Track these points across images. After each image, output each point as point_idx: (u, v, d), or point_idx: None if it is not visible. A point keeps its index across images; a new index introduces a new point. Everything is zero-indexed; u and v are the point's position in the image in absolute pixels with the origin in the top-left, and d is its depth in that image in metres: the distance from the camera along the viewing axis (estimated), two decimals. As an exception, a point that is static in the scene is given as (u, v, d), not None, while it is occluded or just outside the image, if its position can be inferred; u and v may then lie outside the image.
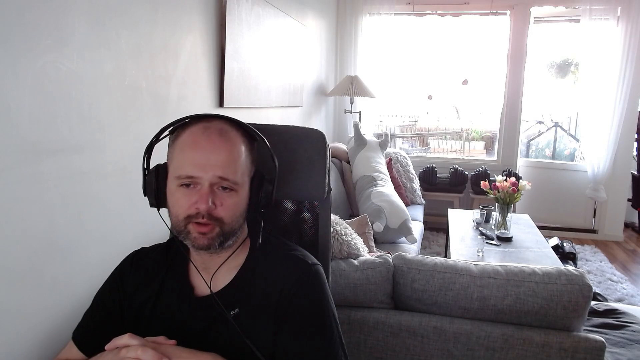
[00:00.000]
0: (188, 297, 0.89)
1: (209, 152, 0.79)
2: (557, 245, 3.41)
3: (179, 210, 0.81)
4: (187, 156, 0.80)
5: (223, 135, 0.81)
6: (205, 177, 0.79)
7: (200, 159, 0.79)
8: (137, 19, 1.48)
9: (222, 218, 0.81)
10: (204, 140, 0.80)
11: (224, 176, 0.79)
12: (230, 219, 0.82)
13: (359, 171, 3.49)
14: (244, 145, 0.84)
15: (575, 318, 1.36)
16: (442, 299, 1.44)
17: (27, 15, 1.07)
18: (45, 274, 1.17)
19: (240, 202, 0.83)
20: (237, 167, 0.81)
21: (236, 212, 0.83)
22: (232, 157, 0.81)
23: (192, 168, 0.79)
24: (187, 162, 0.80)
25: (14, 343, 1.09)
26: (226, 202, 0.81)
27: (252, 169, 0.87)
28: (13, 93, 1.04)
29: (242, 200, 0.83)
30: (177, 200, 0.81)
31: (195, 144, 0.80)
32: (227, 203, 0.81)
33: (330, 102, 4.55)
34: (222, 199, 0.80)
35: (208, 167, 0.79)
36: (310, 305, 0.85)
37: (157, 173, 0.85)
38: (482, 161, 4.94)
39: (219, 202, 0.80)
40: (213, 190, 0.80)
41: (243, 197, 0.84)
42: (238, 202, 0.83)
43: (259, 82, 2.55)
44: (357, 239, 1.71)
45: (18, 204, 1.07)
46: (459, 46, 7.42)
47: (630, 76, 4.02)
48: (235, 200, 0.82)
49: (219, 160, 0.79)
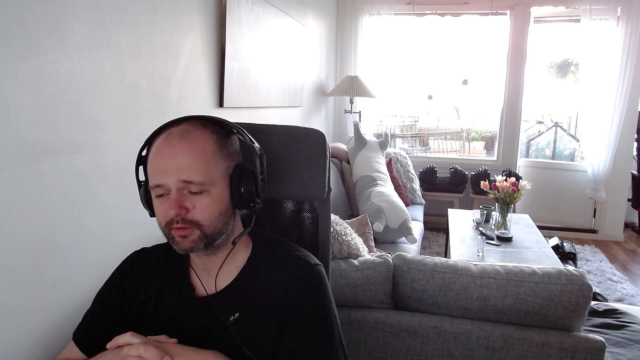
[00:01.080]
0: (189, 297, 0.89)
1: (169, 158, 0.78)
2: (557, 245, 3.41)
3: (159, 219, 0.82)
4: (152, 165, 0.81)
5: (184, 138, 0.79)
6: (170, 183, 0.78)
7: (162, 166, 0.79)
8: (137, 19, 1.48)
9: (198, 221, 0.79)
10: (164, 146, 0.79)
11: (187, 179, 0.78)
12: (208, 221, 0.80)
13: (359, 171, 3.49)
14: (212, 142, 0.81)
15: (575, 318, 1.36)
16: (442, 299, 1.44)
17: (27, 15, 1.07)
18: (45, 273, 1.17)
19: (215, 202, 0.81)
20: (202, 166, 0.79)
21: (213, 213, 0.81)
22: (193, 158, 0.78)
23: (157, 176, 0.79)
24: (154, 171, 0.80)
25: (14, 343, 1.09)
26: (199, 204, 0.79)
27: (230, 164, 0.84)
28: (13, 93, 1.04)
29: (217, 199, 0.81)
30: (156, 209, 0.83)
31: (158, 152, 0.80)
32: (200, 205, 0.79)
33: (330, 102, 4.55)
34: (193, 202, 0.79)
35: (171, 172, 0.78)
36: (312, 306, 0.85)
37: (146, 185, 0.85)
38: (482, 161, 4.94)
39: (190, 205, 0.79)
40: (183, 195, 0.79)
41: (219, 196, 0.81)
42: (212, 202, 0.80)
43: (259, 82, 2.55)
44: (357, 239, 1.71)
45: (18, 204, 1.07)
46: (459, 46, 7.41)
47: (630, 76, 4.02)
48: (208, 201, 0.80)
49: (179, 163, 0.78)
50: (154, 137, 0.83)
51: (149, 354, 0.73)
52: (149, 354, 0.73)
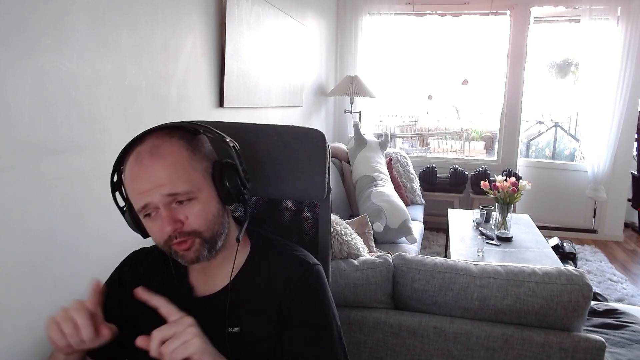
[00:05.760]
0: (187, 297, 0.89)
1: (146, 179, 0.77)
2: (557, 245, 3.41)
3: (156, 239, 0.82)
4: (132, 189, 0.79)
5: (154, 154, 0.77)
6: (155, 201, 0.77)
7: (142, 187, 0.77)
8: (137, 19, 1.48)
9: (195, 230, 0.79)
10: (138, 167, 0.78)
11: (172, 192, 0.76)
12: (205, 226, 0.80)
13: (359, 171, 3.49)
14: (184, 149, 0.80)
15: (575, 318, 1.36)
16: (442, 299, 1.44)
17: (27, 16, 1.07)
18: (45, 273, 1.17)
19: (206, 206, 0.80)
20: (182, 175, 0.78)
21: (208, 217, 0.80)
22: (171, 170, 0.77)
23: (140, 198, 0.78)
24: (135, 194, 0.79)
25: (15, 342, 1.09)
26: (191, 213, 0.78)
27: (208, 164, 0.83)
28: (13, 93, 1.04)
29: (207, 203, 0.80)
30: (149, 230, 0.82)
31: (132, 176, 0.78)
32: (193, 213, 0.79)
33: (330, 102, 4.55)
34: (185, 212, 0.78)
35: (152, 190, 0.76)
36: (311, 305, 0.85)
37: (130, 207, 0.84)
38: (482, 161, 4.94)
39: (183, 216, 0.78)
40: (172, 209, 0.77)
41: (207, 198, 0.81)
42: (204, 207, 0.80)
43: (259, 82, 2.55)
44: (357, 239, 1.71)
45: (18, 204, 1.07)
46: (459, 46, 7.41)
47: (630, 76, 4.02)
48: (200, 206, 0.79)
49: (159, 179, 0.76)
50: (122, 160, 0.82)
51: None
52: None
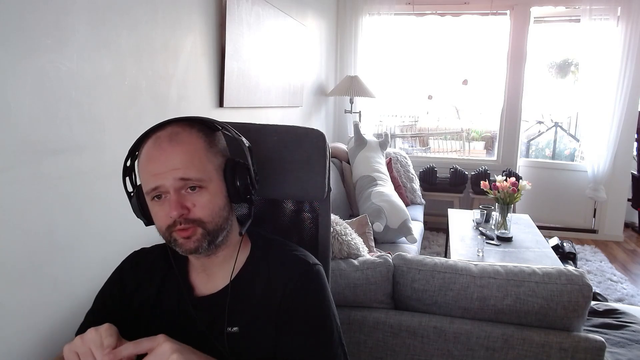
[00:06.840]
0: (188, 297, 0.89)
1: (163, 160, 0.79)
2: (557, 245, 3.41)
3: (159, 224, 0.82)
4: (146, 171, 0.81)
5: (173, 140, 0.80)
6: (167, 184, 0.78)
7: (157, 169, 0.79)
8: (137, 19, 1.48)
9: (200, 218, 0.80)
10: (155, 151, 0.80)
11: (185, 176, 0.78)
12: (210, 217, 0.81)
13: (359, 171, 3.49)
14: (202, 140, 0.82)
15: (575, 318, 1.36)
16: (442, 299, 1.44)
17: (27, 15, 1.07)
18: (45, 273, 1.17)
19: (214, 198, 0.82)
20: (197, 163, 0.80)
21: (214, 209, 0.82)
22: (187, 157, 0.79)
23: (153, 180, 0.79)
24: (148, 176, 0.80)
25: (14, 342, 1.09)
26: (199, 201, 0.80)
27: (222, 160, 0.85)
28: (13, 93, 1.04)
29: (215, 195, 0.82)
30: (155, 214, 0.82)
31: (149, 157, 0.80)
32: (201, 202, 0.80)
33: (330, 102, 4.55)
34: (193, 200, 0.80)
35: (166, 173, 0.78)
36: (311, 305, 0.85)
37: (138, 193, 0.86)
38: (482, 161, 4.94)
39: (190, 204, 0.79)
40: (181, 195, 0.79)
41: (216, 191, 0.82)
42: (211, 199, 0.81)
43: (259, 82, 2.55)
44: (357, 239, 1.71)
45: (18, 204, 1.07)
46: (459, 46, 7.41)
47: (630, 76, 4.02)
48: (208, 197, 0.81)
49: (174, 164, 0.78)
50: (139, 146, 0.83)
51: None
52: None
